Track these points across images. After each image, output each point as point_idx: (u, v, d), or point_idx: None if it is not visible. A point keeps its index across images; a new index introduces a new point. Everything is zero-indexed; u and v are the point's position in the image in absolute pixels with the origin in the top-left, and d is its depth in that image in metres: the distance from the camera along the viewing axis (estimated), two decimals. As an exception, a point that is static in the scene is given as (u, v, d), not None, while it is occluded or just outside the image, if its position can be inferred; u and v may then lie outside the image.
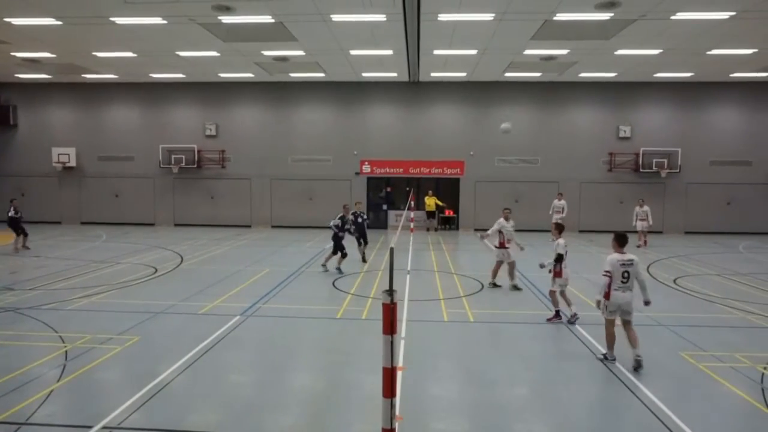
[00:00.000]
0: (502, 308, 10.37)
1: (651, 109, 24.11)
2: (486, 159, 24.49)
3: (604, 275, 7.23)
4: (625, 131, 24.00)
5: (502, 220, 12.26)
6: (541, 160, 24.41)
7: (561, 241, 9.71)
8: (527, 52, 18.38)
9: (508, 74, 22.37)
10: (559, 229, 10.14)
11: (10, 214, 17.67)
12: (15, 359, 7.29)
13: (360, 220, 15.48)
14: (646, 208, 20.02)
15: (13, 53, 19.39)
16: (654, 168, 23.52)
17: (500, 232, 12.11)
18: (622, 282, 7.17)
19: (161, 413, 5.70)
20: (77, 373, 6.78)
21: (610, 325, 7.31)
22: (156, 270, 13.98)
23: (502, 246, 12.12)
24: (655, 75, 22.20)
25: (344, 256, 13.94)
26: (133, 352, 7.63)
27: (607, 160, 24.15)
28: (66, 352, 7.56)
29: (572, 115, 24.37)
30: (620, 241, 7.36)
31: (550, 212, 21.49)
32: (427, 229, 24.43)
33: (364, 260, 15.47)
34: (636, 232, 19.56)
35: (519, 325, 9.30)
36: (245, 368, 7.26)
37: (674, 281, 13.23)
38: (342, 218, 13.95)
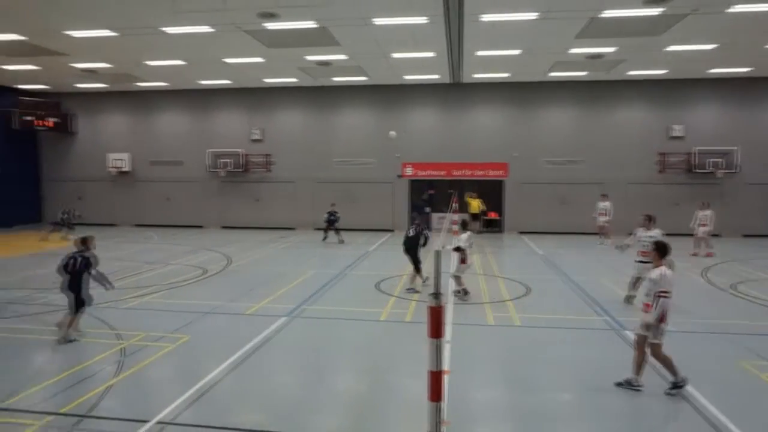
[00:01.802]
0: (549, 313, 10.15)
1: (705, 107, 23.11)
2: (530, 160, 24.06)
3: (663, 296, 6.22)
4: (676, 130, 23.08)
5: (639, 229, 10.81)
6: (587, 161, 23.79)
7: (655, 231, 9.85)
8: (572, 50, 17.96)
9: (552, 74, 21.93)
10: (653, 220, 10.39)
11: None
12: (77, 354, 7.67)
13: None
14: (708, 212, 17.88)
15: (72, 64, 20.41)
16: (709, 168, 22.51)
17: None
18: None
19: (210, 411, 5.87)
20: (133, 369, 7.06)
21: (660, 348, 6.39)
22: (204, 271, 14.40)
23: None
24: (708, 71, 21.27)
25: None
26: (183, 351, 7.89)
27: (657, 160, 23.29)
28: (122, 349, 7.89)
29: (619, 115, 23.64)
30: (664, 252, 6.57)
31: (594, 214, 20.82)
32: (479, 232, 23.88)
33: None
34: (693, 237, 18.20)
35: (567, 331, 9.09)
36: (290, 369, 7.38)
37: (733, 287, 12.62)
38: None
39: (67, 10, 13.97)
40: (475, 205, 23.82)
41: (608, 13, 13.99)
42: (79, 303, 8.43)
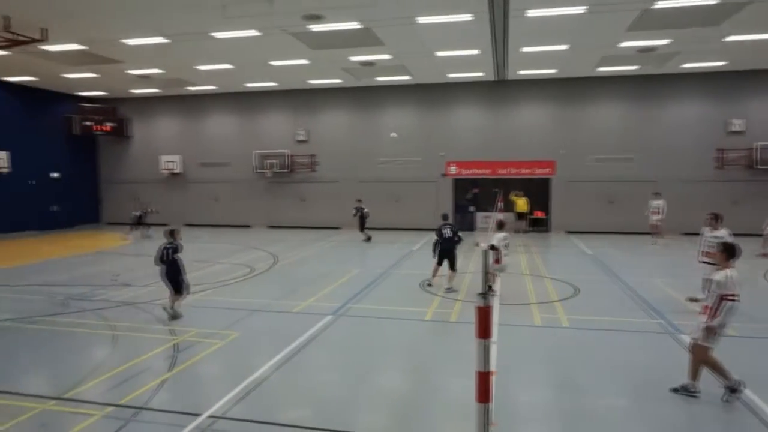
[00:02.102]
0: (599, 314, 9.86)
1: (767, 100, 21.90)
2: (578, 158, 23.44)
3: (730, 299, 5.90)
4: (736, 125, 21.95)
5: (705, 228, 10.18)
6: (637, 158, 22.95)
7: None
8: (623, 44, 17.36)
9: (600, 69, 21.27)
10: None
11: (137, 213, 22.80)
12: (133, 349, 8.00)
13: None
14: None
15: (128, 71, 21.32)
16: (772, 164, 21.32)
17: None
18: None
19: (259, 406, 6.00)
20: (186, 364, 7.31)
21: (708, 352, 6.12)
22: (252, 270, 14.74)
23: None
24: (772, 61, 20.14)
25: None
26: (233, 347, 8.10)
27: (714, 156, 22.22)
28: (175, 344, 8.17)
29: (672, 110, 22.68)
30: (731, 253, 6.22)
31: (646, 213, 20.07)
32: (516, 231, 23.58)
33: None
34: (762, 237, 17.05)
35: (618, 333, 8.79)
36: (336, 367, 7.45)
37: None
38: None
39: (124, 19, 14.59)
40: (522, 204, 23.42)
41: (662, 4, 13.44)
42: (178, 286, 9.82)
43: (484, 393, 3.92)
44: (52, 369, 7.37)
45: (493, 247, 10.75)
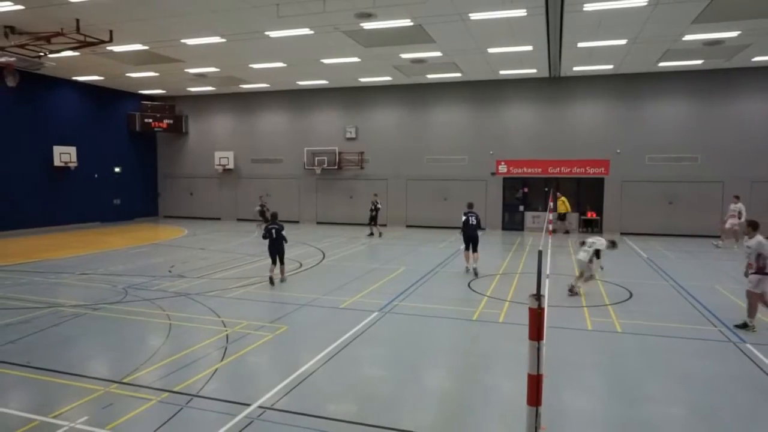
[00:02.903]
0: (654, 320, 9.44)
1: None
2: (635, 157, 22.54)
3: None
4: (812, 122, 20.54)
5: (745, 237, 9.41)
6: (702, 157, 21.84)
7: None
8: (687, 37, 16.54)
9: (662, 64, 20.35)
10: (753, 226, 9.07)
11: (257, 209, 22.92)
12: (187, 338, 8.29)
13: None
14: None
15: (186, 69, 22.11)
16: None
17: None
18: None
19: (307, 399, 6.08)
20: (236, 355, 7.51)
21: (755, 295, 8.62)
22: (301, 265, 14.99)
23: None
24: None
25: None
26: (282, 340, 8.25)
27: (787, 156, 20.88)
28: (227, 335, 8.40)
29: (742, 106, 21.41)
30: (756, 226, 8.89)
31: (725, 217, 19.18)
32: (555, 231, 22.82)
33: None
34: None
35: (675, 340, 8.40)
36: (383, 363, 7.47)
37: None
38: None
39: (184, 21, 15.15)
40: (564, 204, 22.85)
41: (731, -5, 12.72)
42: (281, 258, 12.40)
43: (534, 396, 3.82)
44: (114, 354, 7.74)
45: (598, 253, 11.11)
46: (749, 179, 21.29)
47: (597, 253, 11.13)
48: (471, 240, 13.73)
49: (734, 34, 16.21)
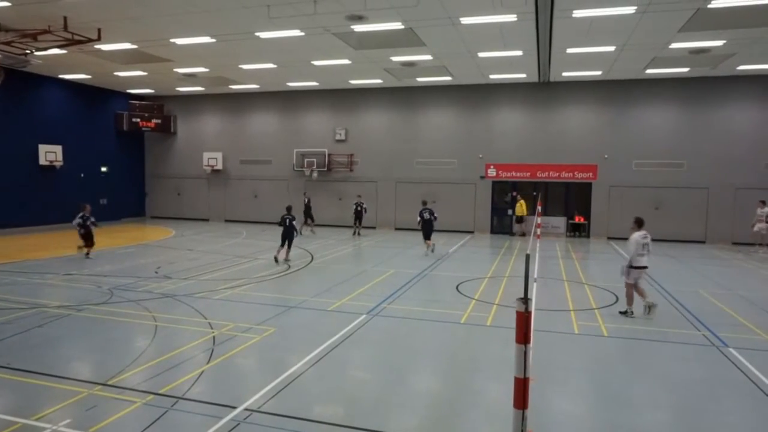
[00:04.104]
0: (640, 324, 9.54)
1: (830, 105, 20.74)
2: (622, 162, 22.77)
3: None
4: (794, 130, 20.89)
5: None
6: (688, 164, 22.11)
7: None
8: (674, 45, 16.75)
9: (649, 71, 20.59)
10: None
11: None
12: (173, 340, 8.22)
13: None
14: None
15: (175, 69, 21.97)
16: (833, 172, 20.20)
17: None
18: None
19: (294, 402, 6.05)
20: (223, 357, 7.45)
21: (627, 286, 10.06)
22: (289, 266, 14.93)
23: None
24: (836, 64, 19.06)
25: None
26: (269, 342, 8.21)
27: (770, 163, 21.22)
28: (214, 337, 8.34)
29: (726, 114, 21.72)
30: (639, 223, 10.44)
31: (753, 221, 19.55)
32: (522, 234, 23.56)
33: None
34: None
35: (660, 343, 8.49)
36: (371, 366, 7.46)
37: None
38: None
39: (174, 20, 15.05)
40: (521, 207, 23.30)
41: (718, 3, 12.89)
42: (290, 243, 15.35)
43: (521, 399, 3.84)
44: (98, 356, 7.65)
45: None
46: (734, 186, 21.62)
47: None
48: (427, 231, 17.50)
49: (719, 43, 16.45)
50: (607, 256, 18.05)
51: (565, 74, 21.69)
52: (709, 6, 13.06)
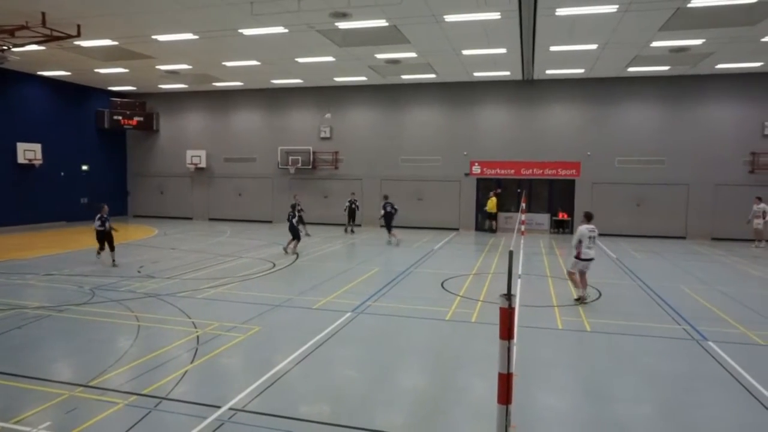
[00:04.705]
0: (622, 319, 9.67)
1: (805, 103, 21.19)
2: (605, 160, 23.03)
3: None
4: (772, 128, 21.32)
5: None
6: (668, 160, 22.45)
7: None
8: (655, 44, 16.98)
9: (631, 69, 20.85)
10: None
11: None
12: (157, 340, 8.13)
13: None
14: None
15: (157, 66, 21.69)
16: (808, 169, 20.66)
17: None
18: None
19: (279, 401, 6.03)
20: (207, 356, 7.40)
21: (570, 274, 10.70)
22: (274, 265, 14.86)
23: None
24: (812, 63, 19.48)
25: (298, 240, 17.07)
26: (254, 341, 8.16)
27: (748, 160, 21.62)
28: (197, 337, 8.27)
29: (706, 111, 22.10)
30: (588, 217, 10.89)
31: (750, 218, 20.02)
32: (492, 230, 23.92)
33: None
34: None
35: (642, 338, 8.61)
36: (356, 364, 7.45)
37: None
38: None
39: (156, 16, 14.85)
40: (491, 204, 23.55)
41: (697, 3, 13.10)
42: (296, 236, 16.74)
43: (505, 394, 3.87)
44: (79, 357, 7.54)
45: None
46: (713, 182, 22.00)
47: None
48: (389, 223, 19.58)
49: (699, 42, 16.71)
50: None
51: (548, 72, 21.87)
52: (689, 5, 13.26)
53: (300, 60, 20.25)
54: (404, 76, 23.26)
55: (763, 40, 16.31)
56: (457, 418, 5.75)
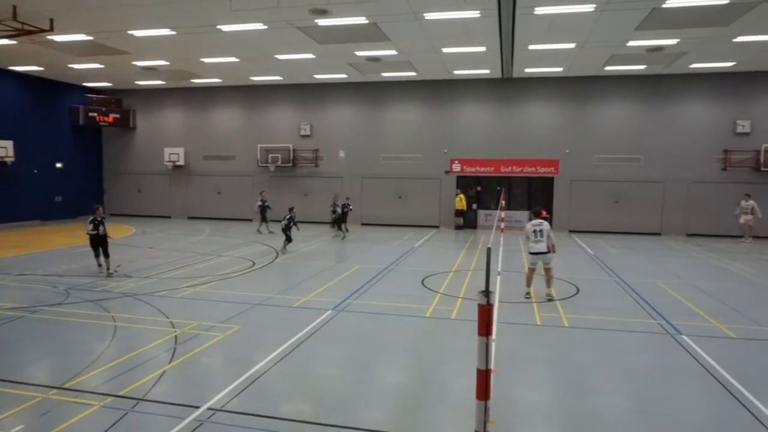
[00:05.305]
0: (600, 314, 9.83)
1: (775, 102, 21.73)
2: (583, 157, 23.34)
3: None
4: (743, 126, 21.82)
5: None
6: (644, 158, 22.85)
7: None
8: (631, 43, 17.25)
9: (608, 68, 21.15)
10: None
11: (258, 204, 22.12)
12: (134, 340, 8.01)
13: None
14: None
15: (134, 62, 21.32)
16: (778, 167, 21.21)
17: None
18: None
19: (259, 400, 5.99)
20: (185, 356, 7.31)
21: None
22: (254, 263, 14.75)
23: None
24: (781, 63, 20.00)
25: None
26: (233, 341, 8.10)
27: (720, 158, 22.12)
28: (176, 336, 8.17)
29: (680, 110, 22.54)
30: (535, 212, 11.30)
31: (737, 212, 20.50)
32: (457, 227, 24.26)
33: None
34: None
35: (619, 333, 8.76)
36: (336, 362, 7.44)
37: (802, 293, 11.84)
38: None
39: (131, 10, 14.57)
40: (460, 201, 23.84)
41: (672, 3, 13.34)
42: (288, 237, 16.76)
43: (483, 390, 3.90)
44: (53, 358, 7.39)
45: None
46: (687, 180, 22.46)
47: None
48: (343, 220, 20.85)
49: (673, 41, 17.02)
50: (569, 249, 18.47)
51: (527, 70, 22.05)
52: (664, 5, 13.50)
53: (279, 57, 20.10)
54: (385, 74, 23.25)
55: (735, 40, 16.69)
56: (436, 414, 5.79)
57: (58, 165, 26.32)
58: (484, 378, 3.88)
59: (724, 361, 7.28)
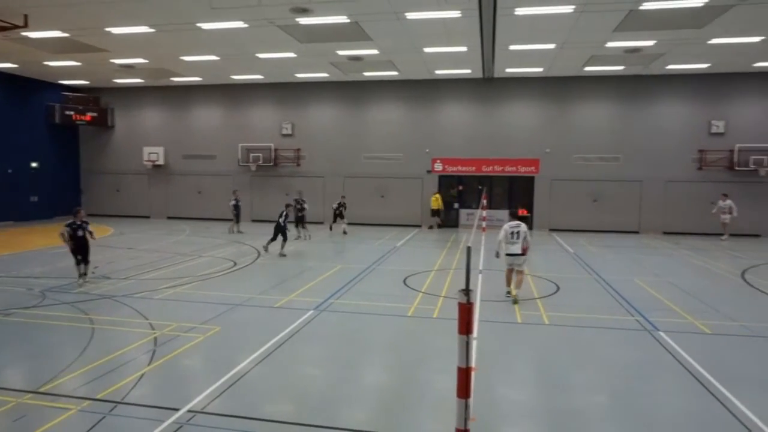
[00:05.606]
0: (579, 312, 9.96)
1: (749, 103, 22.24)
2: (563, 157, 23.62)
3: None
4: (717, 126, 22.30)
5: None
6: (623, 158, 23.20)
7: None
8: (609, 44, 17.51)
9: (587, 68, 21.43)
10: None
11: (231, 203, 21.58)
12: (112, 343, 7.88)
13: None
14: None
15: (112, 60, 20.97)
16: (752, 166, 21.70)
17: None
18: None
19: (240, 401, 5.95)
20: (165, 358, 7.22)
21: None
22: (235, 264, 14.63)
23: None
24: (754, 65, 20.46)
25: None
26: (214, 342, 8.02)
27: (696, 157, 22.57)
28: (155, 338, 8.07)
29: (658, 110, 22.95)
30: (512, 214, 11.33)
31: (714, 211, 20.88)
32: (430, 227, 24.45)
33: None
34: None
35: (598, 330, 8.90)
36: (318, 362, 7.42)
37: (774, 289, 12.15)
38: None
39: (108, 7, 14.33)
40: (435, 201, 24.06)
41: (649, 5, 13.57)
42: (284, 236, 16.01)
43: (464, 388, 3.93)
44: (28, 362, 7.24)
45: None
46: (664, 179, 22.87)
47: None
48: (301, 221, 20.17)
49: (650, 43, 17.32)
50: (549, 248, 18.69)
51: (508, 70, 22.23)
52: (641, 8, 13.72)
53: (260, 55, 19.95)
54: (366, 73, 23.24)
55: (709, 42, 17.04)
56: (418, 412, 5.81)
57: (34, 164, 25.78)
58: (464, 376, 3.90)
59: (699, 356, 7.44)
